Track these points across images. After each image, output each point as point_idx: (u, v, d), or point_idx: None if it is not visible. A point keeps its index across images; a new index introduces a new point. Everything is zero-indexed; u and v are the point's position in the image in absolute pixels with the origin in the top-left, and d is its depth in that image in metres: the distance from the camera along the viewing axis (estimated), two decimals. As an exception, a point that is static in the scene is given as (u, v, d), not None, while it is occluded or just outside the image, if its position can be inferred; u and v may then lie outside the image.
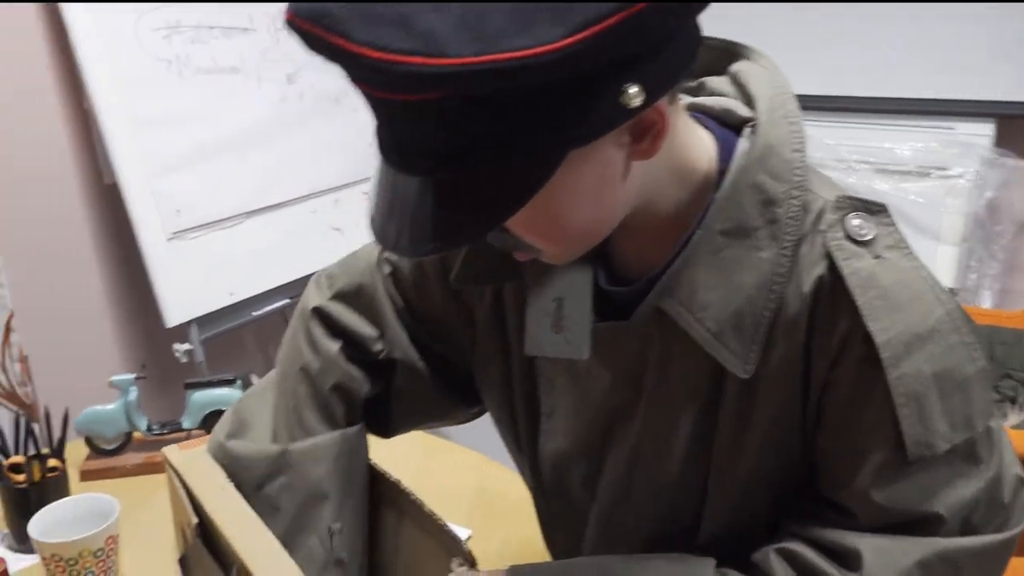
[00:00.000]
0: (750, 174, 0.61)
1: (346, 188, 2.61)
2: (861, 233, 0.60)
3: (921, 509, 0.59)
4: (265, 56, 2.39)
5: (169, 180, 2.08)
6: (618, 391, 0.70)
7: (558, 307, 0.67)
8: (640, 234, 0.65)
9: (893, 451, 0.59)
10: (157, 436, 1.32)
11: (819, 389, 0.62)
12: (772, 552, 0.64)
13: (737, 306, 0.60)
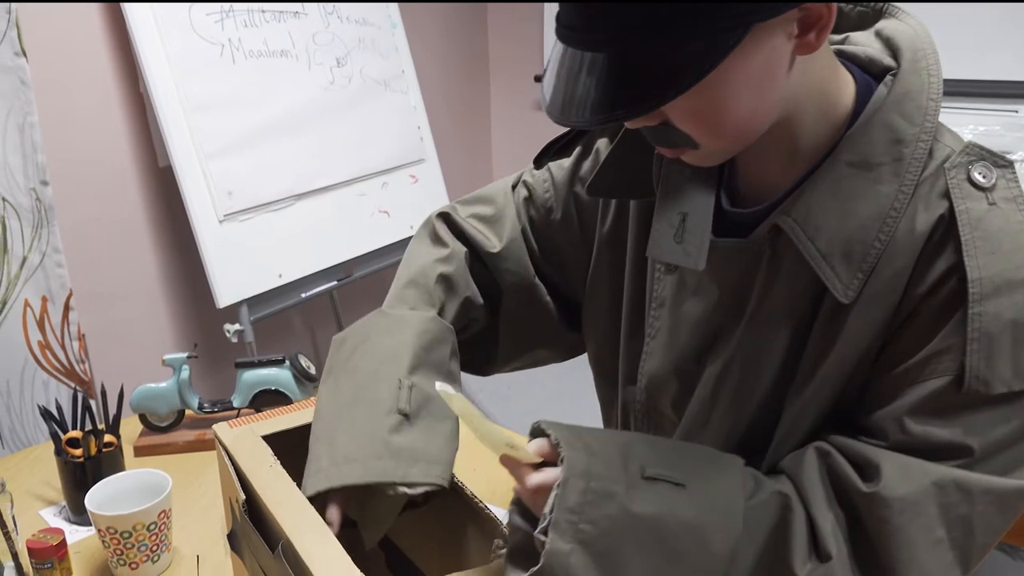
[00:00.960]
0: (884, 114, 0.65)
1: (394, 171, 2.63)
2: (982, 180, 0.63)
3: (954, 440, 0.62)
4: (315, 39, 2.40)
5: (221, 163, 2.11)
6: (722, 308, 0.74)
7: (682, 220, 0.72)
8: (770, 156, 0.69)
9: (950, 384, 0.62)
10: (208, 414, 1.35)
11: (903, 318, 0.65)
12: (811, 447, 0.68)
13: (849, 233, 0.64)
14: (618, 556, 0.62)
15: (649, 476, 0.63)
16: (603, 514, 0.61)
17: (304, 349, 2.98)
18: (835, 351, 0.68)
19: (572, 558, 0.60)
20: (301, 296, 2.33)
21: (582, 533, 0.61)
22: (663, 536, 0.62)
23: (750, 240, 0.70)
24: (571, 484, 0.61)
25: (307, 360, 1.36)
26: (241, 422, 0.83)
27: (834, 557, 0.63)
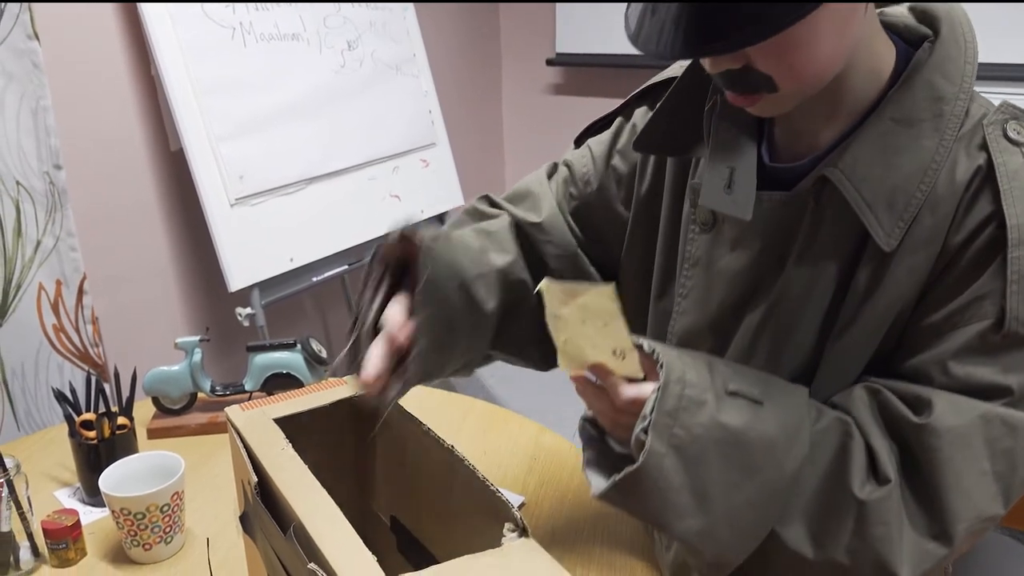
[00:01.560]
0: (926, 74, 0.69)
1: (405, 155, 2.62)
2: (1017, 136, 0.68)
3: (995, 380, 0.65)
4: (326, 22, 2.40)
5: (232, 147, 2.11)
6: (763, 261, 0.77)
7: (730, 173, 0.75)
8: (815, 113, 0.73)
9: (990, 327, 0.65)
10: (220, 397, 1.35)
11: (943, 265, 0.69)
12: (860, 386, 0.71)
13: (893, 184, 0.68)
14: (703, 464, 0.65)
15: (732, 391, 0.67)
16: (695, 421, 0.65)
17: (315, 333, 2.99)
18: (877, 297, 0.71)
19: (666, 460, 0.64)
20: (312, 280, 2.34)
21: (675, 438, 0.64)
22: (744, 450, 0.65)
23: (795, 192, 0.74)
24: (670, 389, 0.64)
25: (318, 344, 1.37)
26: (253, 405, 0.84)
27: (892, 481, 0.66)
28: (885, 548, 0.65)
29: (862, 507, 0.66)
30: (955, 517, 0.65)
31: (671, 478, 0.65)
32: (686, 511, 0.66)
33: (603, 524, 1.07)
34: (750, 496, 0.66)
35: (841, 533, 0.66)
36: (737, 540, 0.67)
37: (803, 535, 0.67)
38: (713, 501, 0.66)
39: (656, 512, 0.66)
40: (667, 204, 0.89)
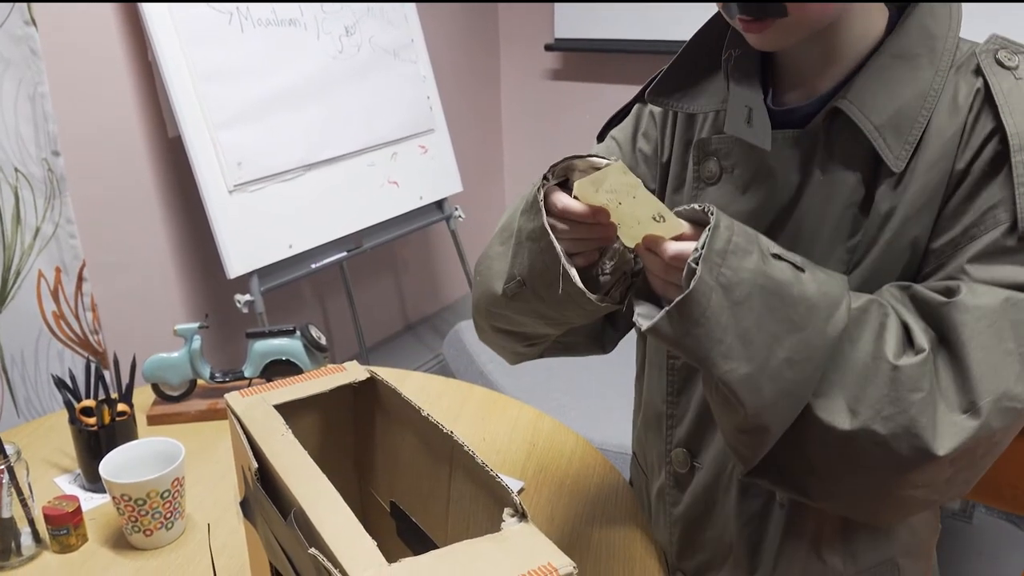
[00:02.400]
0: (917, 17, 0.77)
1: (403, 141, 2.62)
2: (1008, 61, 0.75)
3: (1017, 278, 0.70)
4: (324, 8, 2.39)
5: (230, 133, 2.11)
6: (776, 199, 0.82)
7: (749, 111, 0.82)
8: (817, 58, 0.80)
9: (1006, 231, 0.70)
10: (219, 384, 1.36)
11: (956, 182, 0.74)
12: (888, 285, 0.76)
13: (897, 109, 0.75)
14: (748, 309, 0.69)
15: (775, 254, 0.72)
16: (742, 265, 0.69)
17: (314, 319, 3.00)
18: (893, 219, 0.76)
19: (713, 295, 0.69)
20: (311, 267, 2.34)
21: (723, 276, 0.69)
22: (787, 303, 0.70)
23: (809, 128, 0.79)
24: (719, 232, 0.70)
25: (317, 330, 1.37)
26: (252, 391, 0.84)
27: (927, 350, 0.69)
28: (919, 415, 0.68)
29: (897, 372, 0.69)
30: (983, 390, 0.68)
31: (718, 314, 0.69)
32: (731, 352, 0.70)
33: (601, 509, 1.08)
34: (791, 353, 0.70)
35: (877, 399, 0.69)
36: (776, 398, 0.70)
37: (839, 406, 0.70)
38: (756, 349, 0.70)
39: (704, 347, 0.70)
40: (674, 172, 0.93)
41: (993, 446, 0.71)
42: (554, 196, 0.77)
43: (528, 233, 0.79)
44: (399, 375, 1.46)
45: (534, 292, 0.81)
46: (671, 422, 0.95)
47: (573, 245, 0.78)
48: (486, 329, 0.96)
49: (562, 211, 0.76)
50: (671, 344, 0.73)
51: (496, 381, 2.37)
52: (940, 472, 0.70)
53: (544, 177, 0.78)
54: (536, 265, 0.79)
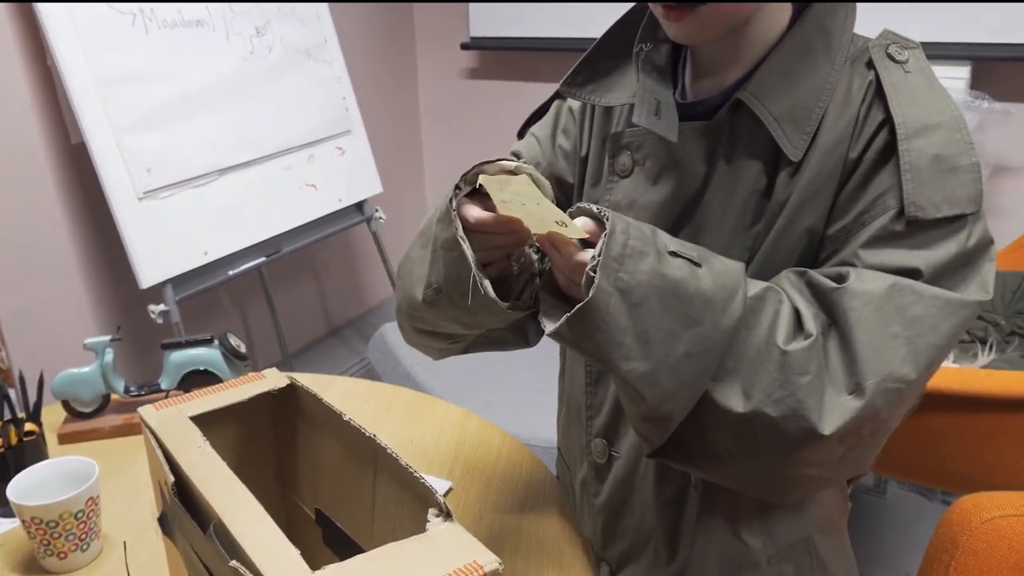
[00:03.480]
0: (814, 15, 0.81)
1: (320, 143, 2.58)
2: (897, 56, 0.79)
3: (904, 263, 0.73)
4: (232, 8, 2.33)
5: (138, 138, 2.04)
6: (684, 188, 0.85)
7: (657, 104, 0.84)
8: (726, 54, 0.83)
9: (894, 216, 0.74)
10: (135, 397, 1.31)
11: (849, 170, 0.78)
12: (785, 271, 0.79)
13: (795, 101, 0.79)
14: (646, 310, 0.72)
15: (672, 251, 0.74)
16: (639, 268, 0.72)
17: (234, 327, 2.93)
18: (790, 206, 0.80)
19: (612, 300, 0.71)
20: (228, 274, 2.28)
21: (620, 281, 0.71)
22: (683, 301, 0.72)
23: (714, 120, 0.83)
24: (615, 237, 0.72)
25: (236, 339, 1.34)
26: (168, 404, 0.82)
27: (814, 335, 0.73)
28: (806, 398, 0.71)
29: (786, 356, 0.72)
30: (868, 371, 0.71)
31: (617, 318, 0.71)
32: (631, 353, 0.72)
33: (530, 504, 1.09)
34: (689, 347, 0.72)
35: (768, 383, 0.72)
36: (676, 390, 0.73)
37: (735, 390, 0.73)
38: (655, 347, 0.72)
39: (604, 349, 0.72)
40: (592, 166, 0.95)
41: (880, 424, 0.75)
42: (465, 209, 0.78)
43: (442, 242, 0.80)
44: (323, 381, 1.44)
45: (450, 300, 0.82)
46: (590, 412, 0.97)
47: (487, 253, 0.79)
48: (409, 330, 0.96)
49: (475, 224, 0.77)
50: (572, 347, 0.75)
51: (423, 382, 2.36)
52: (830, 451, 0.74)
53: (456, 186, 0.78)
54: (451, 274, 0.80)
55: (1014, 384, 1.55)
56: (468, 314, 0.82)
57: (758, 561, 0.90)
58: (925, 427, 1.67)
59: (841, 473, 0.79)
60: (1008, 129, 2.51)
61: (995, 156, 2.54)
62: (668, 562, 0.93)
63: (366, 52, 3.33)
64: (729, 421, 0.74)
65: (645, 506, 0.94)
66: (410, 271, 0.89)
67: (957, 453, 1.69)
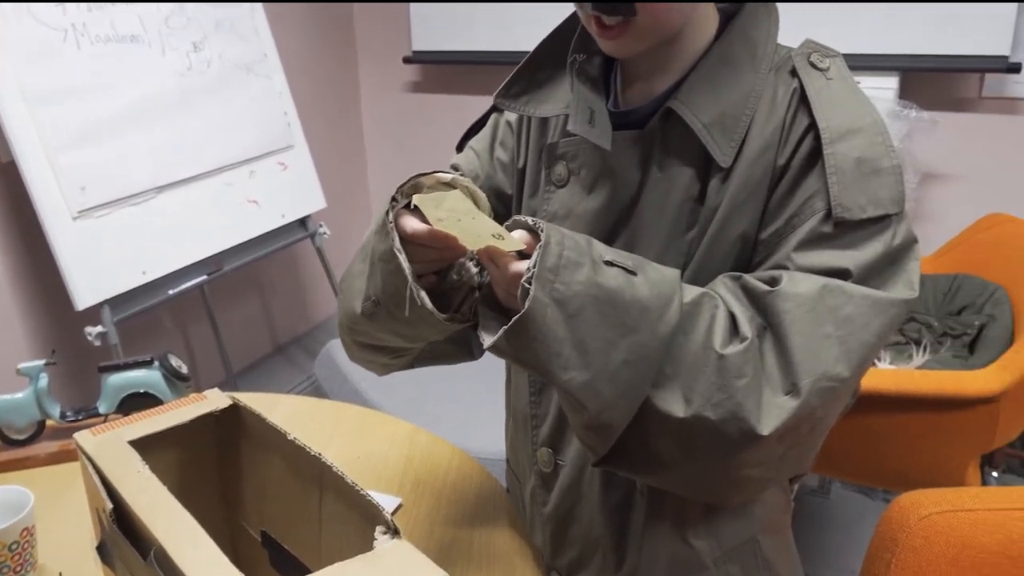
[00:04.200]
0: (739, 26, 0.83)
1: (261, 159, 2.55)
2: (819, 64, 0.82)
3: (834, 264, 0.76)
4: (168, 23, 2.29)
5: (72, 156, 1.99)
6: (619, 196, 0.86)
7: (591, 113, 0.85)
8: (656, 64, 0.85)
9: (823, 218, 0.76)
10: (71, 423, 1.28)
11: (778, 176, 0.80)
12: (720, 276, 0.81)
13: (723, 109, 0.81)
14: (583, 320, 0.72)
15: (607, 261, 0.75)
16: (574, 279, 0.72)
17: (175, 347, 2.86)
18: (722, 211, 0.81)
19: (548, 311, 0.71)
20: (168, 293, 2.23)
21: (556, 292, 0.71)
22: (619, 310, 0.73)
23: (646, 129, 0.84)
24: (550, 249, 0.72)
25: (177, 359, 1.31)
26: (106, 428, 0.80)
27: (749, 339, 0.74)
28: (744, 400, 0.73)
29: (723, 360, 0.73)
30: (803, 371, 0.73)
31: (554, 328, 0.72)
32: (569, 363, 0.73)
33: (480, 517, 1.09)
34: (627, 355, 0.73)
35: (706, 387, 0.73)
36: (616, 398, 0.74)
37: (676, 396, 0.74)
38: (593, 356, 0.73)
39: (543, 361, 0.73)
40: (529, 177, 0.96)
41: (816, 423, 0.77)
42: (402, 220, 0.78)
43: (380, 255, 0.80)
44: (269, 400, 1.41)
45: (388, 312, 0.82)
46: (535, 422, 0.98)
47: (423, 265, 0.79)
48: (351, 345, 0.95)
49: (410, 236, 0.77)
50: (511, 360, 0.76)
51: (371, 398, 2.34)
52: (770, 450, 0.75)
53: (393, 198, 0.78)
54: (388, 286, 0.79)
55: (946, 384, 1.60)
56: (406, 326, 0.82)
57: (705, 563, 0.91)
58: (865, 428, 1.72)
59: (783, 472, 0.81)
60: (935, 137, 2.60)
61: (924, 164, 2.62)
62: (617, 568, 0.94)
63: (307, 67, 3.31)
64: (671, 426, 0.75)
65: (592, 513, 0.94)
66: (350, 285, 0.89)
67: (896, 452, 1.74)
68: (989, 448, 1.70)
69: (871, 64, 2.54)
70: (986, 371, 1.61)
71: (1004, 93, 2.55)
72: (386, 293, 0.80)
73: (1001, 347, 1.85)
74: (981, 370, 1.62)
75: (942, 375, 1.62)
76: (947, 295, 2.17)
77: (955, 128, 2.62)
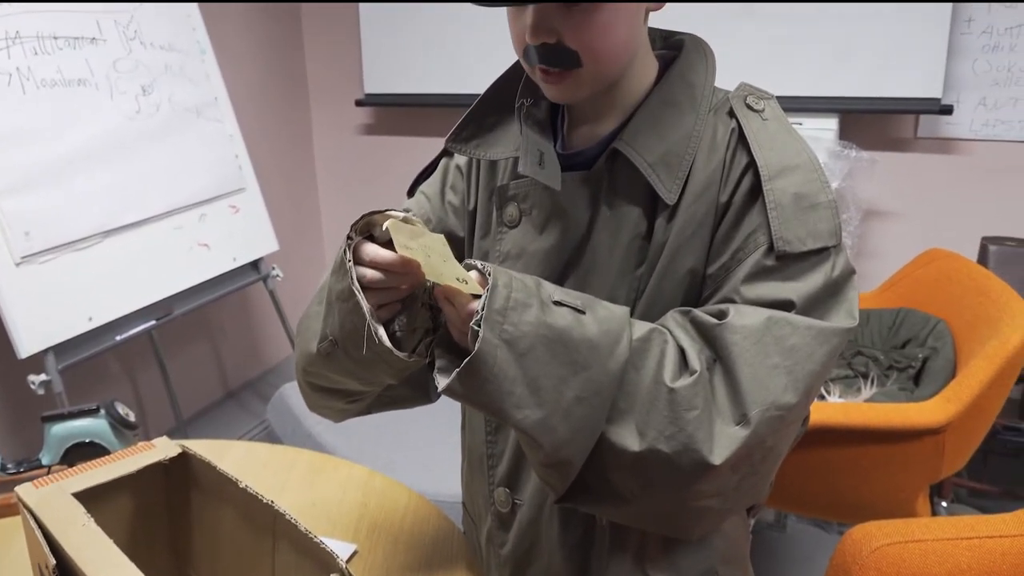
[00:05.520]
0: (678, 70, 0.87)
1: (212, 202, 2.52)
2: (755, 105, 0.85)
3: (778, 296, 0.78)
4: (116, 67, 2.27)
5: (15, 201, 1.95)
6: (570, 235, 0.88)
7: (541, 155, 0.87)
8: (600, 108, 0.88)
9: (766, 251, 0.79)
10: (13, 476, 1.23)
11: (722, 213, 0.83)
12: (670, 311, 0.83)
13: (666, 149, 0.84)
14: (533, 359, 0.74)
15: (556, 301, 0.77)
16: (523, 319, 0.74)
17: (123, 395, 2.79)
18: (669, 247, 0.84)
19: (499, 351, 0.73)
20: (115, 339, 2.18)
21: (506, 332, 0.73)
22: (569, 348, 0.75)
23: (594, 169, 0.87)
24: (498, 291, 0.74)
25: (125, 407, 1.28)
26: (49, 480, 0.77)
27: (698, 372, 0.76)
28: (695, 431, 0.74)
29: (673, 394, 0.75)
30: (751, 401, 0.75)
31: (505, 369, 0.73)
32: (522, 402, 0.74)
33: (438, 562, 1.07)
34: (579, 391, 0.74)
35: (659, 421, 0.75)
36: (571, 435, 0.75)
37: (630, 430, 0.75)
38: (546, 394, 0.74)
39: (496, 401, 0.74)
40: (480, 219, 0.98)
41: (768, 451, 0.79)
42: (363, 247, 0.78)
43: (338, 293, 0.80)
44: (219, 446, 1.38)
45: (345, 352, 0.81)
46: (491, 462, 0.97)
47: (381, 296, 0.79)
48: (308, 391, 0.95)
49: (371, 261, 0.77)
50: (466, 402, 0.76)
51: (325, 443, 2.31)
52: (724, 480, 0.76)
53: (349, 236, 0.79)
54: (346, 325, 0.79)
55: (893, 416, 1.64)
56: (363, 367, 0.82)
57: None
58: (818, 461, 1.74)
59: (740, 502, 0.82)
60: (875, 176, 2.69)
61: (865, 201, 2.71)
62: None
63: (259, 109, 3.30)
64: (627, 461, 0.76)
65: (552, 552, 0.94)
66: (307, 327, 0.89)
67: (848, 485, 1.76)
68: (937, 478, 1.74)
69: (812, 106, 2.63)
70: (931, 403, 1.65)
71: (938, 134, 2.65)
72: (343, 331, 0.80)
73: (945, 379, 1.90)
74: (926, 402, 1.66)
75: (889, 408, 1.66)
76: (891, 329, 2.22)
77: (893, 167, 2.72)
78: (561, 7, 0.77)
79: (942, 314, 2.11)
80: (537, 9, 0.78)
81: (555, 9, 0.77)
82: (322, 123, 3.66)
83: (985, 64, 2.54)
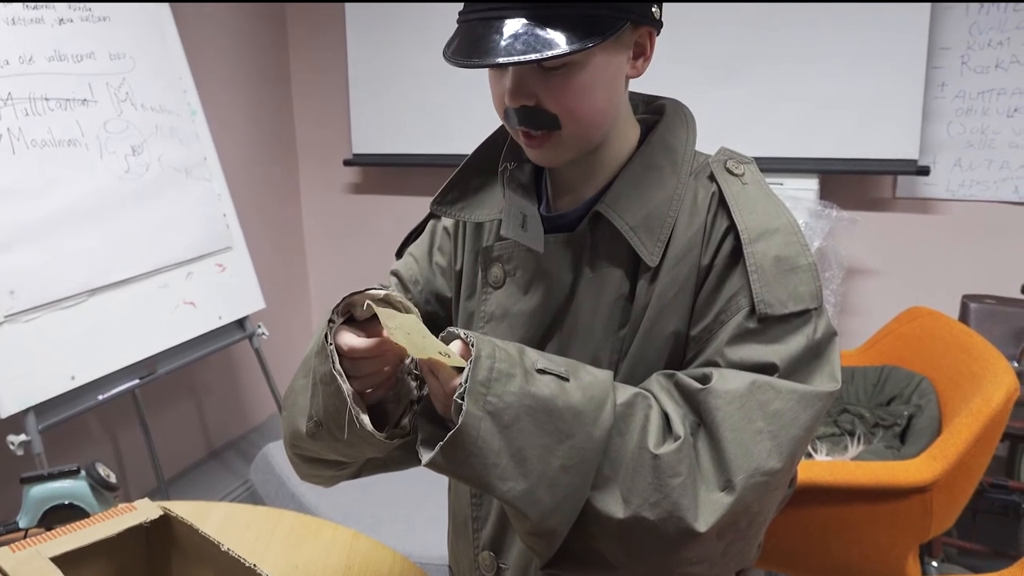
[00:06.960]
0: (660, 135, 0.88)
1: (199, 260, 2.53)
2: (735, 169, 0.87)
3: (762, 359, 0.78)
4: (107, 127, 2.30)
5: (2, 259, 1.95)
6: (553, 297, 0.89)
7: (524, 217, 0.89)
8: (582, 172, 0.89)
9: (747, 314, 0.80)
10: (-11, 539, 1.21)
11: (704, 275, 0.84)
12: (654, 374, 0.83)
13: (648, 212, 0.85)
14: (518, 429, 0.73)
15: (539, 369, 0.76)
16: (506, 390, 0.74)
17: (104, 456, 2.75)
18: (651, 308, 0.84)
19: (483, 424, 0.72)
20: (98, 399, 2.16)
21: (489, 404, 0.73)
22: (554, 416, 0.74)
23: (577, 232, 0.88)
24: (481, 362, 0.74)
25: (105, 468, 1.26)
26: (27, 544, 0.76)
27: (682, 437, 0.76)
28: (680, 498, 0.74)
29: (657, 460, 0.74)
30: (736, 467, 0.74)
31: (489, 441, 0.72)
32: (507, 473, 0.73)
33: (422, 627, 1.05)
34: (564, 460, 0.74)
35: (643, 487, 0.74)
36: (557, 503, 0.74)
37: (615, 497, 0.75)
38: (531, 464, 0.73)
39: (480, 474, 0.73)
40: (466, 280, 0.98)
41: (754, 517, 0.78)
42: (340, 338, 0.79)
43: (321, 376, 0.81)
44: (201, 508, 1.36)
45: (330, 433, 0.82)
46: (476, 524, 0.97)
47: (364, 380, 0.80)
48: (297, 461, 0.95)
49: (348, 351, 0.78)
50: (450, 475, 0.76)
51: (309, 503, 2.27)
52: (710, 547, 0.76)
53: (330, 319, 0.80)
54: (329, 407, 0.80)
55: (880, 474, 1.63)
56: (347, 446, 0.83)
57: None
58: (806, 521, 1.73)
59: (727, 567, 0.81)
60: (856, 235, 2.74)
61: (847, 259, 2.74)
62: None
63: (248, 169, 3.33)
64: (611, 528, 0.75)
65: None
66: (294, 402, 0.89)
67: (838, 544, 1.75)
68: (926, 537, 1.73)
69: (793, 167, 2.68)
70: (918, 461, 1.65)
71: (915, 194, 2.71)
72: (327, 414, 0.81)
73: (930, 436, 1.90)
74: (913, 460, 1.66)
75: (875, 466, 1.65)
76: (876, 386, 2.23)
77: (873, 226, 2.76)
78: (539, 70, 0.79)
79: (925, 371, 2.12)
80: (516, 72, 0.80)
81: (533, 72, 0.79)
82: (310, 182, 3.69)
83: (959, 127, 2.61)
